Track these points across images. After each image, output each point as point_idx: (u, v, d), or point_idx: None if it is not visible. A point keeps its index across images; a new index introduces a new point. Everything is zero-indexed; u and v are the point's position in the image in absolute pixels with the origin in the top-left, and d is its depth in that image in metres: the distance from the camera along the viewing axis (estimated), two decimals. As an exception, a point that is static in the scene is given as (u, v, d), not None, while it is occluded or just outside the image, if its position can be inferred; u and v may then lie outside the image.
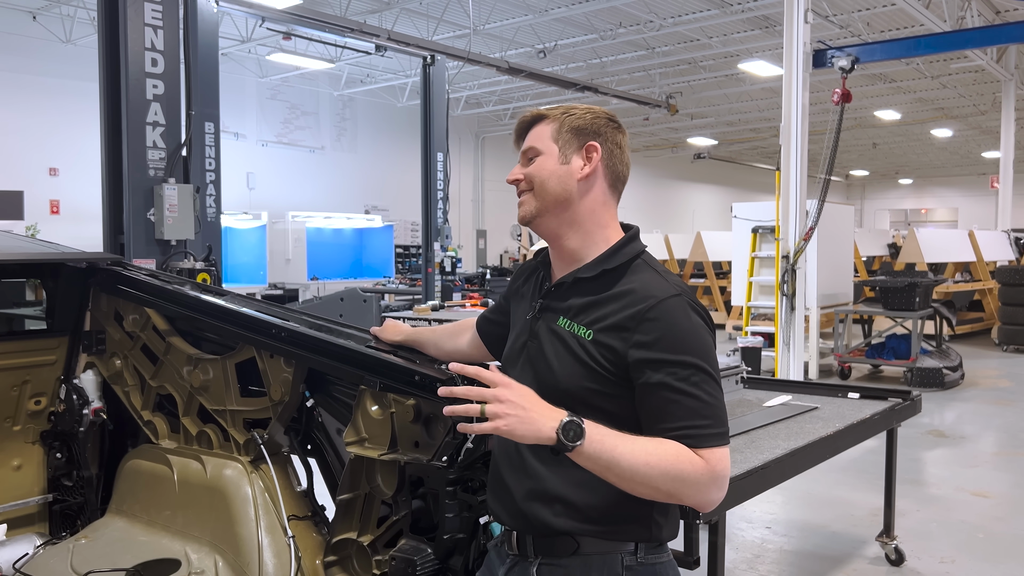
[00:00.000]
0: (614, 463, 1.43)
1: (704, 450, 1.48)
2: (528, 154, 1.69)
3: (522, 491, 1.61)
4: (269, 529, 2.07)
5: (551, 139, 1.66)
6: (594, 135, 1.66)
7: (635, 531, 1.58)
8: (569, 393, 1.55)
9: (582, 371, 1.56)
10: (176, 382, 2.34)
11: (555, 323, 1.63)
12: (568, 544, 1.58)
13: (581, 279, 1.63)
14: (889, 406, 3.94)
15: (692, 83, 19.23)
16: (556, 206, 1.64)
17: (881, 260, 17.61)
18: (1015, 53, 16.08)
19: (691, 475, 1.46)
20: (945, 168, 34.71)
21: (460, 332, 2.02)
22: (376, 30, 11.56)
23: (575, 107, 1.70)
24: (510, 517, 1.64)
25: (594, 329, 1.56)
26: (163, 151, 4.79)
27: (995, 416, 8.02)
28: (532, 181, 1.66)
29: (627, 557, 1.58)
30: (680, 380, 1.49)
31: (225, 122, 16.30)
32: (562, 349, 1.59)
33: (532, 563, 1.61)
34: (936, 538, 4.61)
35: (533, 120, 1.71)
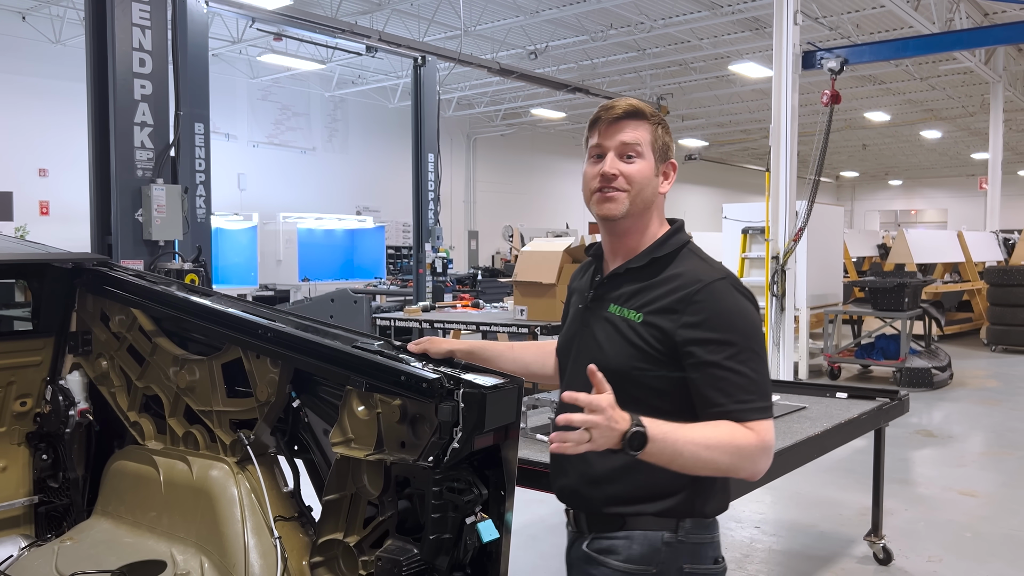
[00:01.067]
0: (677, 455, 1.56)
1: (752, 423, 1.60)
2: (628, 150, 1.73)
3: (576, 475, 1.77)
4: (255, 530, 2.07)
5: (650, 147, 1.75)
6: (672, 153, 1.81)
7: (678, 507, 1.71)
8: (619, 372, 1.65)
9: (632, 352, 1.68)
10: (162, 383, 2.34)
11: (606, 310, 1.76)
12: (615, 521, 1.73)
13: (632, 268, 1.76)
14: (877, 406, 3.96)
15: (683, 84, 19.29)
16: (641, 211, 1.75)
17: (871, 261, 17.66)
18: (1003, 55, 16.18)
19: (745, 449, 1.59)
20: (934, 169, 34.89)
21: (548, 355, 2.10)
22: (367, 31, 11.54)
23: (660, 116, 1.79)
24: (569, 497, 1.82)
25: (644, 312, 1.69)
26: (151, 152, 4.78)
27: (983, 416, 8.07)
28: (632, 182, 1.73)
29: (667, 534, 1.71)
30: (727, 358, 1.61)
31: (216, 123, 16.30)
32: (613, 332, 1.72)
33: (585, 538, 1.78)
34: (924, 537, 4.64)
35: (630, 113, 1.74)
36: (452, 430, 1.75)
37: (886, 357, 9.68)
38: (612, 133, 1.74)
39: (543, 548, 4.45)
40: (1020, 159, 30.37)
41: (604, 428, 1.48)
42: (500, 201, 24.42)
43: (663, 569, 1.70)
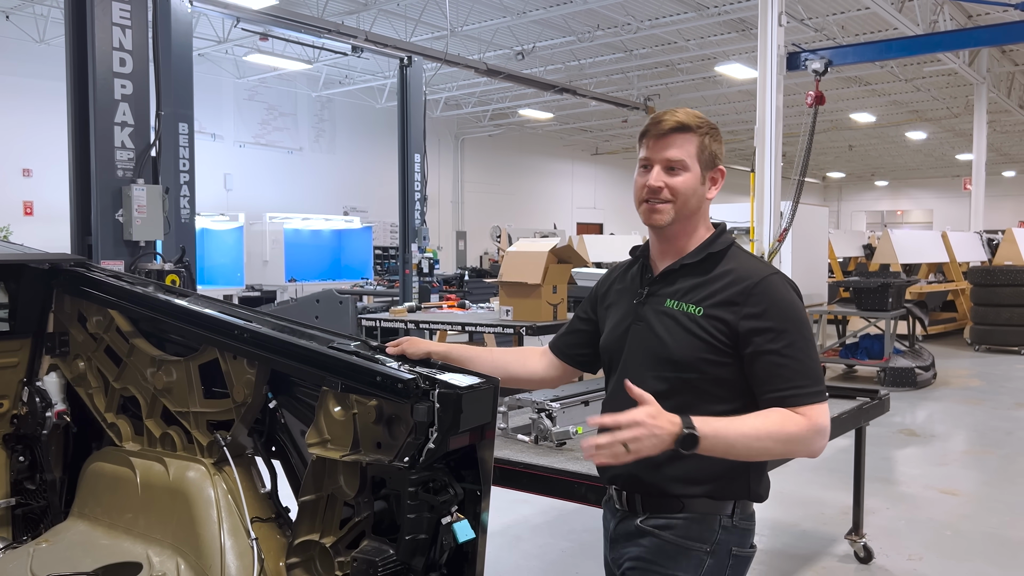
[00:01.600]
0: (731, 448, 1.68)
1: (805, 407, 1.71)
2: (673, 164, 1.83)
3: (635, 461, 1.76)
4: (232, 531, 2.06)
5: (696, 158, 1.84)
6: (719, 159, 1.89)
7: (735, 489, 1.82)
8: (683, 363, 1.79)
9: (695, 343, 1.79)
10: (140, 384, 2.33)
11: (662, 305, 1.85)
12: (675, 504, 1.82)
13: (687, 264, 1.87)
14: (857, 405, 3.98)
15: (670, 85, 19.35)
16: (687, 217, 1.87)
17: (857, 261, 17.77)
18: (987, 56, 16.31)
19: (797, 434, 1.70)
20: (920, 170, 35.12)
21: (528, 356, 2.18)
22: (353, 31, 11.53)
23: (709, 124, 1.88)
24: (623, 480, 1.88)
25: (704, 305, 1.80)
26: (132, 152, 4.75)
27: (965, 415, 8.13)
28: (676, 194, 1.84)
29: (724, 518, 1.82)
30: (784, 347, 1.73)
31: (202, 123, 16.26)
32: (674, 325, 1.82)
33: (639, 516, 1.86)
34: (904, 535, 4.67)
35: (677, 128, 1.84)
36: (428, 430, 1.75)
37: (870, 357, 9.74)
38: (659, 148, 1.84)
39: (526, 548, 4.45)
40: (1004, 160, 30.62)
41: (647, 437, 1.60)
42: (488, 202, 24.43)
43: (716, 549, 1.81)
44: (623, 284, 2.01)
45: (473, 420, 1.82)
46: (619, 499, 1.91)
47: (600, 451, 1.61)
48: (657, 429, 1.61)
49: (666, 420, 1.63)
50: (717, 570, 1.82)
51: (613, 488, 1.94)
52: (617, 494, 1.92)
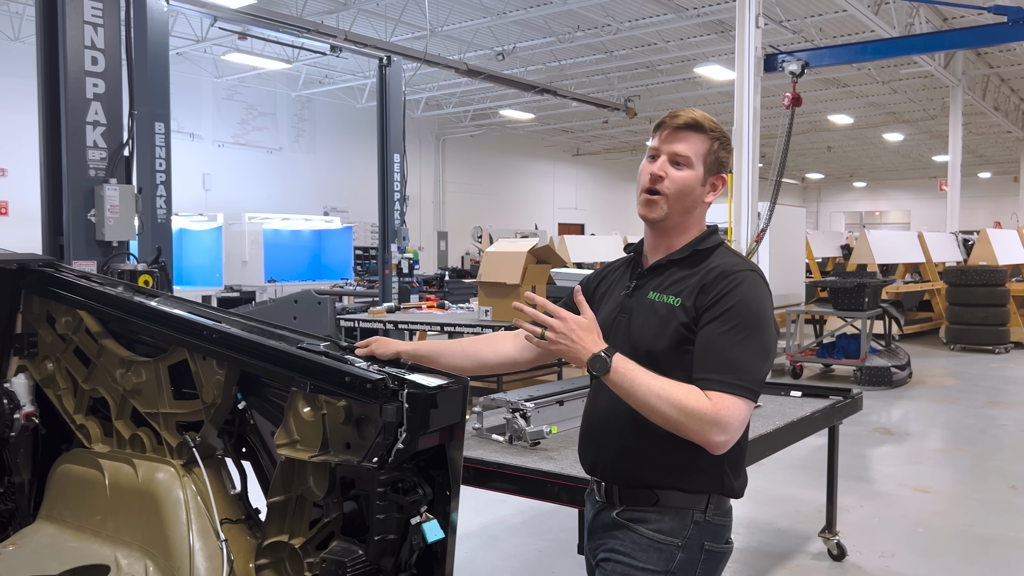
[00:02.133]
0: (632, 392, 1.71)
1: (714, 393, 1.70)
2: (679, 158, 1.88)
3: (613, 449, 1.90)
4: (201, 533, 2.05)
5: (702, 158, 1.89)
6: (725, 167, 1.94)
7: (708, 482, 1.84)
8: (658, 353, 1.82)
9: (670, 334, 1.82)
10: (109, 385, 2.31)
11: (646, 297, 1.90)
12: (649, 496, 1.85)
13: (674, 259, 1.91)
14: (830, 404, 4.02)
15: (650, 86, 19.43)
16: (680, 215, 1.90)
17: (835, 261, 17.91)
18: (962, 59, 16.50)
19: (695, 411, 1.69)
20: (897, 171, 35.46)
21: (500, 340, 2.21)
22: (333, 31, 11.49)
23: (723, 132, 1.94)
24: (602, 471, 1.94)
25: (682, 296, 1.84)
26: (104, 151, 4.71)
27: (940, 414, 8.22)
28: (673, 188, 1.88)
29: (697, 513, 1.84)
30: (725, 332, 1.74)
31: (180, 122, 16.18)
32: (652, 316, 1.86)
33: (616, 508, 1.90)
34: (878, 533, 4.72)
35: (689, 125, 1.89)
36: (397, 431, 1.75)
37: (847, 356, 9.83)
38: (670, 140, 1.90)
39: (504, 548, 4.46)
40: (980, 162, 30.99)
41: (563, 336, 1.72)
42: (470, 202, 24.42)
43: (688, 544, 1.84)
44: (616, 279, 2.06)
45: (442, 420, 1.83)
46: (599, 490, 1.96)
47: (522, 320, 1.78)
48: (575, 336, 1.71)
49: (590, 336, 1.72)
50: (688, 564, 1.85)
51: (594, 480, 1.98)
52: (597, 486, 1.97)
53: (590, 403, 2.03)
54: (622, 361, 1.72)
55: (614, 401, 1.81)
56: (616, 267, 2.11)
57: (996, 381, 10.00)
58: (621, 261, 2.11)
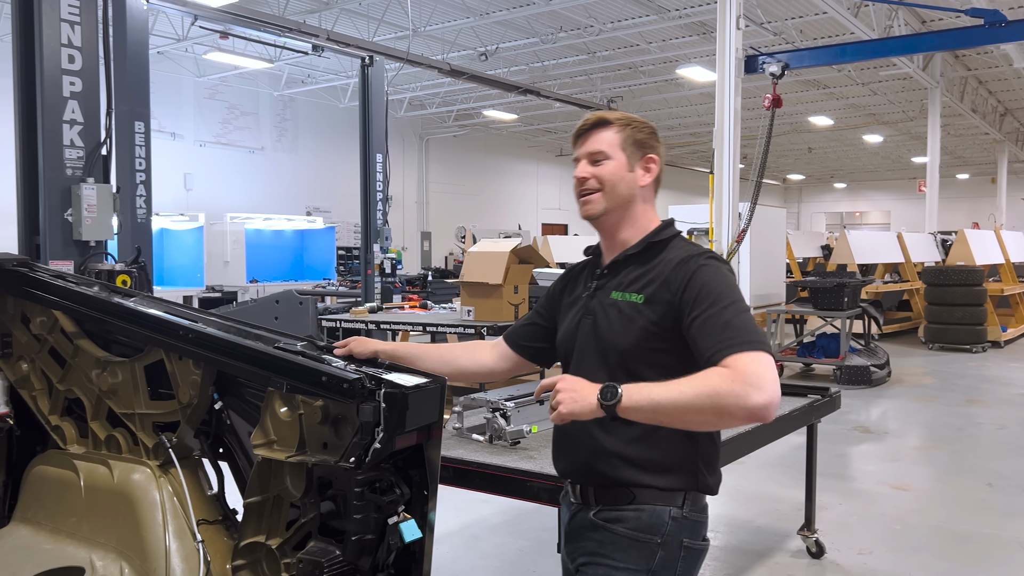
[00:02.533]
0: (657, 406, 1.63)
1: (729, 358, 1.63)
2: (596, 156, 1.91)
3: (586, 451, 1.88)
4: (177, 534, 2.04)
5: (618, 147, 1.91)
6: (651, 148, 1.95)
7: (683, 479, 1.85)
8: (628, 352, 1.82)
9: (638, 331, 1.82)
10: (84, 386, 2.29)
11: (608, 297, 1.90)
12: (625, 494, 1.85)
13: (630, 255, 1.91)
14: (808, 402, 4.05)
15: (632, 88, 19.49)
16: (620, 206, 1.92)
17: (815, 261, 18.05)
18: (940, 61, 16.66)
19: (722, 387, 1.59)
20: (877, 172, 35.75)
21: (479, 349, 2.22)
22: (315, 30, 11.45)
23: (632, 118, 1.96)
24: (576, 472, 1.94)
25: (645, 293, 1.84)
26: (81, 150, 4.67)
27: (918, 412, 8.30)
28: (603, 182, 1.90)
29: (675, 510, 1.84)
30: (709, 306, 1.73)
31: (161, 122, 16.06)
32: (617, 315, 1.86)
33: (592, 509, 1.89)
34: (856, 530, 4.76)
35: (596, 124, 1.93)
36: (374, 430, 1.75)
37: (827, 355, 9.91)
38: (583, 144, 1.94)
39: (485, 548, 4.46)
40: (958, 163, 31.30)
41: (569, 399, 1.67)
42: (453, 202, 24.39)
43: (667, 541, 1.84)
44: (577, 282, 2.06)
45: (420, 419, 1.83)
46: (573, 492, 1.95)
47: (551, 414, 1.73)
48: (575, 392, 1.67)
49: (586, 385, 1.69)
50: (668, 562, 1.85)
51: (568, 482, 1.98)
52: (572, 487, 1.96)
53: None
54: (629, 385, 1.68)
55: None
56: (577, 271, 2.11)
57: (973, 380, 10.10)
58: (581, 264, 2.11)
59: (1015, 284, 14.48)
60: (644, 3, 13.30)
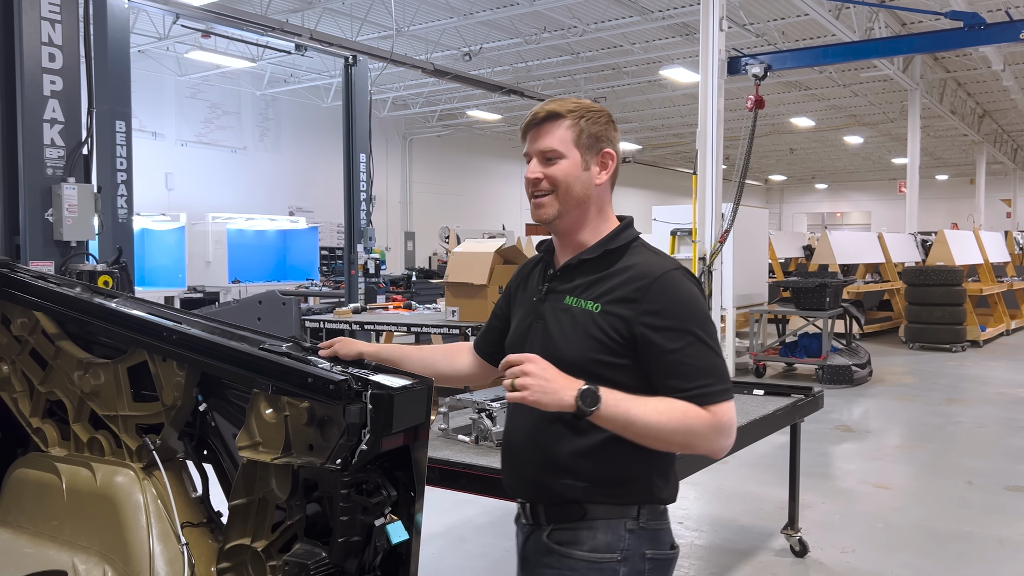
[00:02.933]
0: (630, 423, 1.60)
1: (710, 406, 1.65)
2: (548, 155, 1.78)
3: (534, 464, 1.80)
4: (161, 536, 2.02)
5: (572, 143, 1.77)
6: (607, 142, 1.81)
7: (637, 493, 1.76)
8: (577, 364, 1.69)
9: (590, 343, 1.71)
10: (66, 387, 2.27)
11: (562, 302, 1.79)
12: (576, 511, 1.75)
13: (585, 260, 1.79)
14: (792, 402, 4.08)
15: (616, 88, 19.54)
16: (575, 207, 1.79)
17: (797, 262, 18.16)
18: (920, 63, 16.81)
19: (699, 428, 1.63)
20: (858, 173, 36.05)
21: (457, 353, 2.15)
22: (298, 29, 11.40)
23: (587, 107, 1.80)
24: (525, 489, 1.85)
25: (602, 302, 1.72)
26: (62, 149, 4.62)
27: (899, 411, 8.37)
28: (557, 184, 1.77)
29: (630, 522, 1.75)
30: (686, 345, 1.66)
31: (142, 121, 15.93)
32: (570, 324, 1.75)
33: (544, 530, 1.80)
34: (839, 529, 4.79)
35: (547, 117, 1.78)
36: (360, 432, 1.74)
37: (809, 355, 9.97)
38: (534, 139, 1.79)
39: (470, 549, 4.46)
40: (937, 164, 31.61)
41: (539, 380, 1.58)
42: (437, 202, 24.36)
43: (628, 556, 1.75)
44: (529, 281, 1.96)
45: (407, 421, 1.82)
46: (524, 512, 1.87)
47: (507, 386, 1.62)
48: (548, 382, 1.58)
49: (563, 378, 1.61)
50: None
51: (519, 502, 1.89)
52: (522, 507, 1.88)
53: (509, 422, 1.93)
54: (608, 392, 1.61)
55: (535, 416, 1.73)
56: (530, 267, 1.99)
57: (953, 379, 10.21)
58: (534, 260, 1.99)
59: (994, 284, 14.64)
60: (628, 4, 13.34)
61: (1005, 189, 29.55)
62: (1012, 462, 6.31)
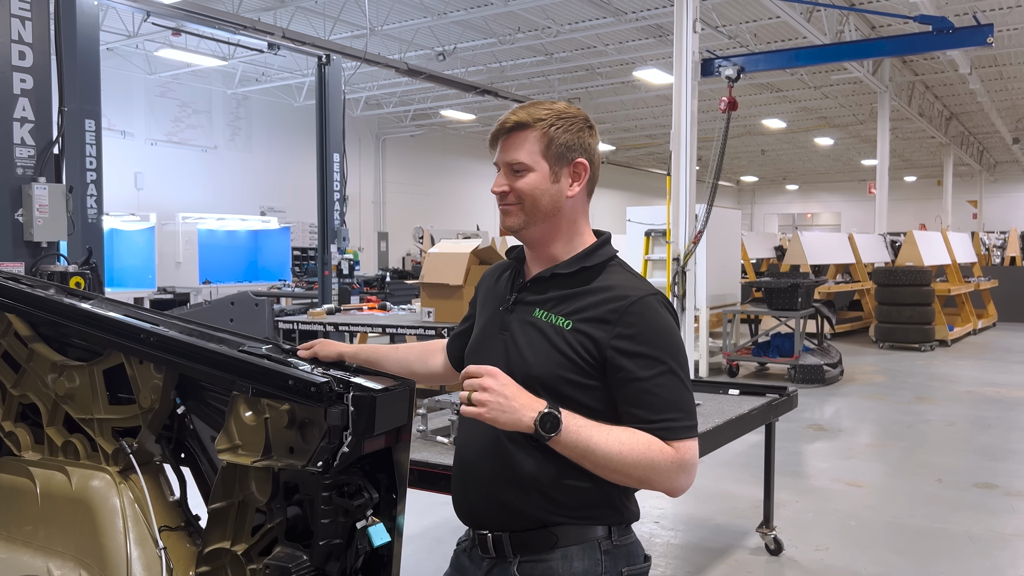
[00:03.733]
0: (589, 451, 1.53)
1: (675, 442, 1.58)
2: (515, 167, 1.69)
3: (497, 482, 1.67)
4: (139, 541, 2.00)
5: (540, 155, 1.68)
6: (581, 151, 1.70)
7: (606, 515, 1.66)
8: (542, 381, 1.62)
9: (558, 359, 1.62)
10: (40, 391, 2.23)
11: (531, 315, 1.69)
12: (547, 538, 1.64)
13: (559, 274, 1.70)
14: (767, 402, 4.12)
15: (589, 89, 19.61)
16: (543, 220, 1.70)
17: (769, 262, 18.33)
18: (889, 66, 17.04)
19: (661, 464, 1.56)
20: (828, 174, 36.47)
21: (432, 353, 2.07)
22: (270, 28, 11.32)
23: (559, 114, 1.69)
24: (483, 513, 1.71)
25: (573, 320, 1.64)
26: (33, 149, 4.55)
27: (870, 410, 8.48)
28: (522, 198, 1.69)
29: (603, 542, 1.66)
30: (656, 375, 1.59)
31: (111, 120, 15.72)
32: (538, 338, 1.66)
33: (512, 563, 1.67)
34: (812, 527, 4.84)
35: (514, 127, 1.69)
36: (342, 434, 1.73)
37: (781, 355, 10.07)
38: (503, 149, 1.71)
39: (446, 551, 4.43)
40: (906, 165, 32.07)
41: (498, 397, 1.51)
42: (410, 202, 24.28)
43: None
44: (496, 286, 1.86)
45: (389, 423, 1.81)
46: (481, 544, 1.72)
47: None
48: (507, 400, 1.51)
49: (525, 396, 1.53)
50: None
51: (474, 532, 1.74)
52: (480, 539, 1.72)
53: (462, 439, 1.80)
54: (570, 416, 1.54)
55: (493, 433, 1.63)
56: (500, 270, 1.90)
57: (922, 378, 10.36)
58: (502, 266, 1.90)
59: (961, 284, 14.88)
60: (601, 5, 13.39)
61: (971, 191, 30.06)
62: (980, 459, 6.42)
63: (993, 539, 4.66)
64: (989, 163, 31.10)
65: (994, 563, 4.33)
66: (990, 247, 21.29)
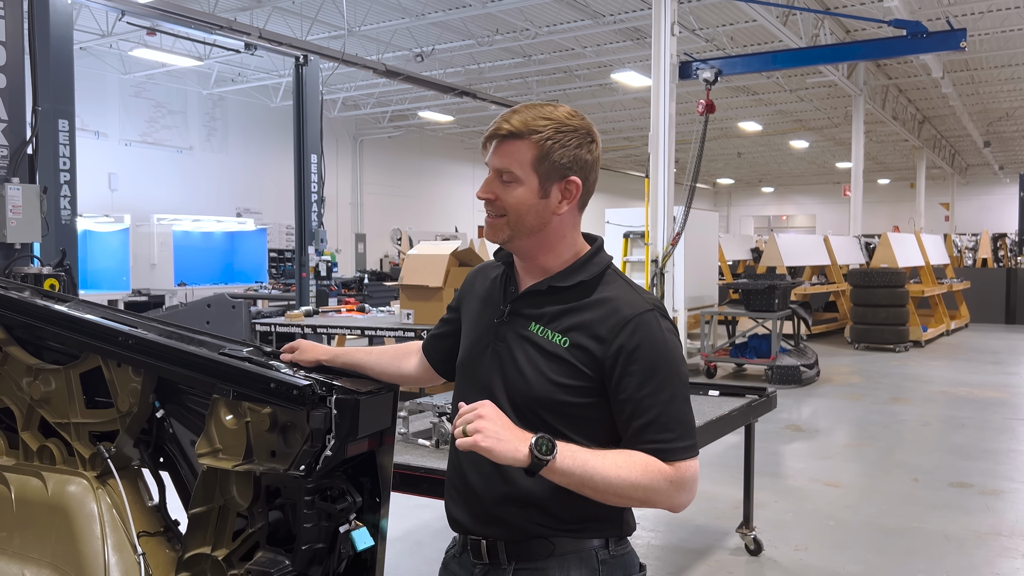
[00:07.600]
0: (587, 478, 1.49)
1: (676, 463, 1.53)
2: (503, 175, 1.61)
3: (494, 496, 1.63)
4: (117, 547, 1.96)
5: (531, 167, 1.59)
6: (576, 169, 1.62)
7: (605, 528, 1.65)
8: (541, 400, 1.59)
9: (556, 378, 1.58)
10: (14, 394, 2.19)
11: (526, 329, 1.64)
12: (544, 547, 1.62)
13: (555, 287, 1.64)
14: (746, 402, 4.14)
15: (568, 91, 19.64)
16: (529, 235, 1.63)
17: (745, 264, 18.46)
18: (863, 70, 17.23)
19: (660, 485, 1.52)
20: (803, 177, 36.77)
21: (405, 356, 1.98)
22: (247, 28, 11.22)
23: (558, 127, 1.60)
24: (478, 524, 1.67)
25: (570, 336, 1.59)
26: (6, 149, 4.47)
27: (847, 410, 8.55)
28: (507, 210, 1.61)
29: (601, 552, 1.64)
30: (655, 391, 1.54)
31: (84, 120, 15.52)
32: (536, 355, 1.61)
33: (506, 570, 1.64)
34: (791, 527, 4.87)
35: (512, 134, 1.59)
36: (325, 437, 1.71)
37: (758, 356, 10.14)
38: (495, 153, 1.62)
39: (427, 554, 4.43)
40: (880, 168, 32.42)
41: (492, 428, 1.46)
42: (388, 204, 24.19)
43: None
44: (487, 292, 1.78)
45: (372, 426, 1.80)
46: (476, 549, 1.68)
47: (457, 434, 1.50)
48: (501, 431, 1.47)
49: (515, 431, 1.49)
50: None
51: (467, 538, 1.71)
52: (472, 544, 1.69)
53: (456, 455, 1.73)
54: (564, 444, 1.50)
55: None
56: (486, 275, 1.82)
57: (897, 378, 10.47)
58: (491, 268, 1.82)
59: (935, 286, 15.07)
60: (579, 8, 13.41)
61: (943, 193, 30.43)
62: (955, 459, 6.49)
63: (968, 537, 4.71)
64: (961, 166, 31.52)
65: (970, 561, 4.38)
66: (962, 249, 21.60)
